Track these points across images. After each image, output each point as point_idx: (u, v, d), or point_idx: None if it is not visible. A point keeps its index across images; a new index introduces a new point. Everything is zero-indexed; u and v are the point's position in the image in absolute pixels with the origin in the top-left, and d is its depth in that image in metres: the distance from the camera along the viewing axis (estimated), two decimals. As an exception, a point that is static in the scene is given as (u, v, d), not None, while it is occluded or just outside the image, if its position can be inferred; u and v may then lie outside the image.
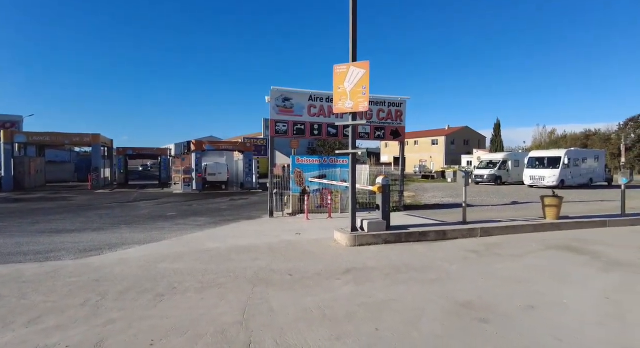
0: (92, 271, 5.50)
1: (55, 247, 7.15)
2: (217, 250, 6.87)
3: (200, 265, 5.81)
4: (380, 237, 7.36)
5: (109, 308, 4.03)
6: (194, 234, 8.63)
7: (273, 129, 11.76)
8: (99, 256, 6.51)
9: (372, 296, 4.42)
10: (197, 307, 4.08)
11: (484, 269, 5.65)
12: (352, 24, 7.47)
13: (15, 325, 3.56)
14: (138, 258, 6.31)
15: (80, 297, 4.37)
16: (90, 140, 24.98)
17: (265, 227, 9.53)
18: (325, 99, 12.04)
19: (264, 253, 6.59)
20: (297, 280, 5.03)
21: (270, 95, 11.62)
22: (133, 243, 7.53)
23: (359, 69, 7.30)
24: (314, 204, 12.07)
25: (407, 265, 5.86)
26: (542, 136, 66.14)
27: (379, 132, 12.73)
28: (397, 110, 12.87)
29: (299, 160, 12.36)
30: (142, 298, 4.34)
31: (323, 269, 5.59)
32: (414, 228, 8.08)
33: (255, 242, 7.65)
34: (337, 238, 7.63)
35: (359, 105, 7.31)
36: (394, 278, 5.16)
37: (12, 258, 6.27)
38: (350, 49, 7.51)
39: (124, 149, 29.93)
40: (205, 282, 4.95)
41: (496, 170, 29.17)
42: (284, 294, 4.48)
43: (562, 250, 6.92)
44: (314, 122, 12.05)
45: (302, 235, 8.38)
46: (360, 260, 6.15)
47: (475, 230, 8.18)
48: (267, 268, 5.62)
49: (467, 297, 4.38)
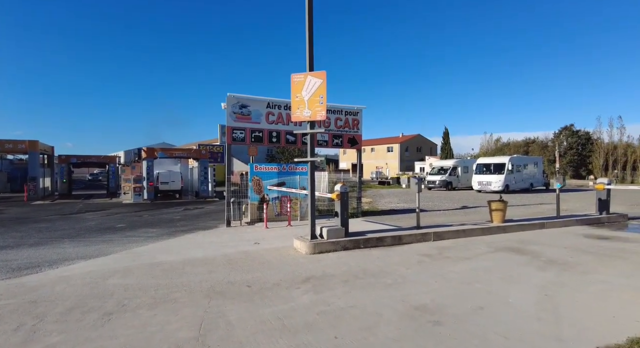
0: (27, 292, 5.04)
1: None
2: (170, 264, 6.58)
3: (153, 280, 5.54)
4: (339, 244, 7.45)
5: (48, 331, 3.70)
6: (146, 247, 8.21)
7: (230, 136, 11.55)
8: (37, 275, 5.98)
9: (331, 304, 4.45)
10: (149, 324, 3.87)
11: (437, 272, 5.89)
12: (309, 36, 7.59)
13: None
14: (83, 275, 5.88)
15: (13, 321, 3.98)
16: (27, 147, 23.00)
17: (223, 238, 9.28)
18: (284, 106, 12.05)
19: (220, 266, 6.42)
20: (256, 292, 4.95)
21: (227, 102, 11.43)
22: (77, 259, 7.01)
23: (316, 78, 7.40)
24: (273, 212, 11.97)
25: (365, 271, 5.97)
26: (489, 144, 70.62)
27: (337, 140, 12.94)
28: (354, 119, 13.18)
29: (257, 168, 12.22)
30: (88, 318, 4.05)
31: (282, 279, 5.54)
32: (371, 234, 8.26)
33: (212, 253, 7.42)
34: (296, 247, 7.61)
35: (317, 114, 7.40)
36: (352, 284, 5.24)
37: None
38: (307, 59, 7.61)
39: (67, 156, 27.87)
40: (158, 298, 4.71)
41: (447, 177, 30.67)
42: (242, 307, 4.38)
43: (508, 251, 7.41)
44: (273, 130, 12.00)
45: (261, 244, 8.26)
46: (320, 268, 6.17)
47: (428, 235, 8.53)
48: (224, 281, 5.47)
49: (422, 301, 4.54)
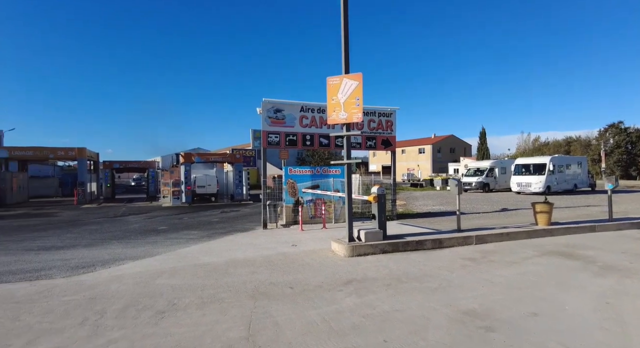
0: (86, 289, 5.35)
1: (45, 266, 6.94)
2: (213, 265, 6.77)
3: (199, 281, 5.72)
4: (378, 247, 7.37)
5: (109, 327, 3.91)
6: (188, 248, 8.50)
7: (265, 140, 11.76)
8: (92, 273, 6.34)
9: (376, 307, 4.41)
10: (200, 323, 4.00)
11: (483, 276, 5.70)
12: (345, 39, 7.60)
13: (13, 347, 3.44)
14: (133, 274, 6.17)
15: (78, 316, 4.24)
16: (76, 154, 24.51)
17: (261, 240, 9.44)
18: (317, 110, 12.14)
19: (262, 267, 6.53)
20: (299, 293, 4.99)
21: (262, 107, 11.66)
22: (126, 259, 7.37)
23: (352, 80, 7.40)
24: (307, 215, 12.04)
25: (408, 274, 5.87)
26: (526, 143, 67.69)
27: (371, 142, 12.86)
28: (388, 120, 13.04)
29: (292, 171, 12.36)
30: (143, 316, 4.24)
31: (324, 281, 5.56)
32: (410, 237, 8.12)
33: (252, 255, 7.57)
34: (334, 249, 7.61)
35: (353, 116, 7.39)
36: (396, 288, 5.16)
37: (1, 278, 6.05)
38: (343, 61, 7.63)
39: (110, 162, 29.45)
40: (205, 298, 4.86)
41: (484, 178, 29.64)
42: (287, 308, 4.43)
43: (557, 256, 7.05)
44: (307, 133, 12.10)
45: (299, 246, 8.33)
46: (360, 271, 6.14)
47: (470, 238, 8.27)
48: (267, 282, 5.56)
49: (470, 305, 4.40)
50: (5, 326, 3.97)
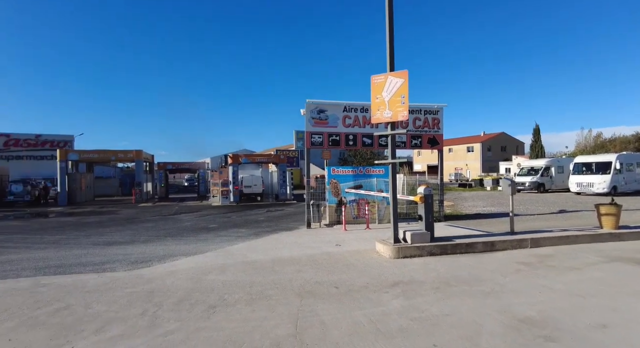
0: (145, 282, 5.72)
1: (109, 259, 7.53)
2: (260, 262, 6.96)
3: (247, 277, 5.90)
4: (425, 249, 7.17)
5: (166, 319, 4.16)
6: (237, 246, 8.81)
7: (309, 140, 11.89)
8: (150, 268, 6.77)
9: (424, 310, 4.29)
10: (249, 319, 4.12)
11: (540, 282, 5.34)
12: (389, 36, 7.48)
13: (86, 333, 3.76)
14: (186, 270, 6.50)
15: (139, 307, 4.55)
16: (134, 156, 26.35)
17: (305, 239, 9.56)
18: (360, 109, 12.07)
19: (306, 265, 6.60)
20: (345, 293, 4.98)
21: (306, 108, 11.80)
22: (180, 255, 7.79)
23: (397, 78, 7.26)
24: (351, 215, 12.00)
25: (457, 278, 5.65)
26: (586, 140, 62.32)
27: (416, 141, 12.54)
28: (434, 118, 12.65)
29: (334, 171, 12.38)
30: (196, 309, 4.46)
31: (369, 282, 5.50)
32: (459, 239, 7.81)
33: (297, 253, 7.68)
34: (379, 250, 7.51)
35: (398, 114, 7.25)
36: (445, 291, 4.99)
37: (74, 270, 6.66)
38: (388, 59, 7.51)
39: (164, 163, 31.32)
40: (254, 294, 5.01)
41: (539, 177, 27.79)
42: (333, 307, 4.44)
43: (628, 262, 6.42)
44: (349, 133, 12.07)
45: (343, 246, 8.33)
46: (407, 273, 6.00)
47: (525, 241, 7.79)
48: (312, 281, 5.61)
49: (527, 313, 4.14)
50: (79, 313, 4.36)
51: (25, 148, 35.08)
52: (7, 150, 34.53)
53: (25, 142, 35.17)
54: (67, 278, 6.01)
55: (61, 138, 36.11)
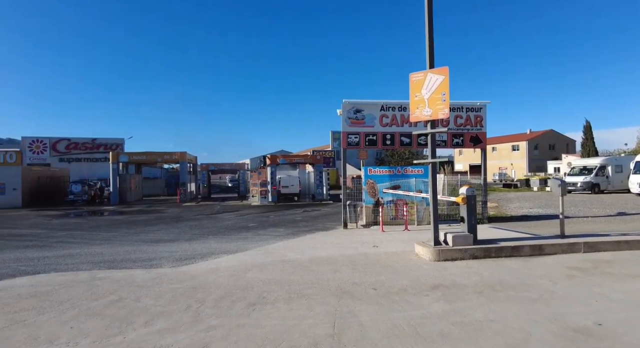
0: (189, 279, 5.97)
1: (156, 256, 7.94)
2: (298, 261, 7.03)
3: (285, 276, 5.99)
4: (467, 252, 6.90)
5: (208, 314, 4.31)
6: (275, 245, 8.97)
7: (345, 141, 11.87)
8: (193, 265, 7.05)
9: (467, 315, 4.13)
10: (287, 317, 4.18)
11: (596, 290, 4.96)
12: (429, 32, 7.28)
13: (136, 325, 4.00)
14: (227, 267, 6.71)
15: (183, 302, 4.76)
16: (178, 157, 27.64)
17: (342, 239, 9.55)
18: (397, 108, 11.86)
19: (344, 266, 6.58)
20: (383, 295, 4.91)
21: (342, 108, 11.79)
22: (221, 253, 8.05)
23: (437, 75, 7.06)
24: (388, 216, 11.82)
25: (502, 282, 5.39)
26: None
27: (458, 140, 12.12)
28: (477, 116, 12.15)
29: (371, 171, 12.26)
30: (237, 306, 4.58)
31: (408, 285, 5.39)
32: (504, 242, 7.45)
33: (334, 254, 7.68)
34: (418, 252, 7.34)
35: (439, 112, 7.04)
36: (489, 296, 4.77)
37: (125, 265, 7.10)
38: (428, 56, 7.32)
39: (207, 165, 32.60)
40: (292, 293, 5.07)
41: (593, 177, 25.84)
42: (371, 309, 4.39)
43: (698, 270, 5.81)
44: (387, 132, 11.90)
45: (380, 248, 8.22)
46: (448, 276, 5.81)
47: (577, 245, 7.27)
48: (349, 282, 5.58)
49: (581, 322, 3.86)
50: (129, 306, 4.64)
51: (83, 151, 37.93)
52: (68, 153, 37.54)
53: (83, 146, 38.03)
54: (119, 273, 6.41)
55: (113, 141, 38.68)
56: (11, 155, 23.88)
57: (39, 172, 27.28)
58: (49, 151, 37.03)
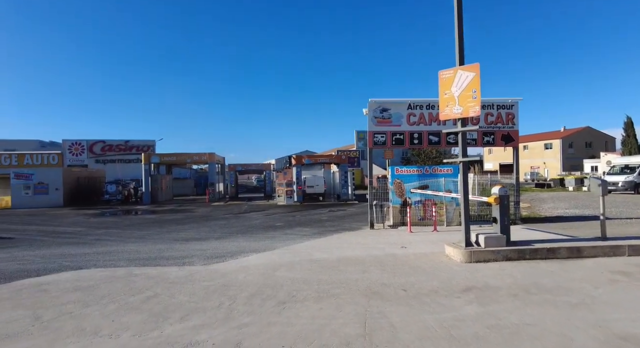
0: (220, 276, 6.11)
1: (188, 254, 8.18)
2: (326, 261, 7.05)
3: (313, 275, 6.02)
4: (500, 254, 6.69)
5: (240, 312, 4.40)
6: (302, 244, 9.03)
7: (371, 140, 11.78)
8: (224, 263, 7.21)
9: (502, 318, 4.00)
10: (317, 316, 4.20)
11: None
12: (458, 28, 7.12)
13: (171, 320, 4.14)
14: (257, 265, 6.82)
15: (215, 299, 4.88)
16: (207, 158, 28.33)
17: (369, 240, 9.48)
18: (425, 106, 11.66)
19: (372, 266, 6.54)
20: (413, 297, 4.84)
21: (368, 107, 11.71)
22: (250, 252, 8.19)
23: (467, 72, 6.89)
24: (416, 216, 11.63)
25: (538, 285, 5.19)
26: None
27: (489, 138, 11.77)
28: (509, 113, 11.76)
29: (398, 170, 12.10)
30: (267, 304, 4.65)
31: (439, 286, 5.29)
32: (539, 244, 7.17)
33: (361, 254, 7.64)
34: (449, 254, 7.18)
35: (470, 110, 6.86)
36: (524, 300, 4.61)
37: (159, 262, 7.36)
38: (457, 52, 7.15)
39: (234, 165, 33.22)
40: (321, 292, 5.09)
41: (636, 176, 24.40)
42: (401, 310, 4.34)
43: None
44: (414, 131, 11.72)
45: (409, 249, 8.11)
46: (480, 278, 5.66)
47: (621, 248, 6.89)
48: (378, 282, 5.54)
49: (630, 330, 3.65)
50: (164, 302, 4.80)
51: (117, 152, 39.66)
52: (103, 154, 39.36)
53: (117, 147, 39.76)
54: (154, 270, 6.65)
55: (144, 143, 40.17)
56: (54, 157, 25.28)
57: (78, 172, 28.71)
58: (87, 153, 38.96)
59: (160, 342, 3.57)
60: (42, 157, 24.83)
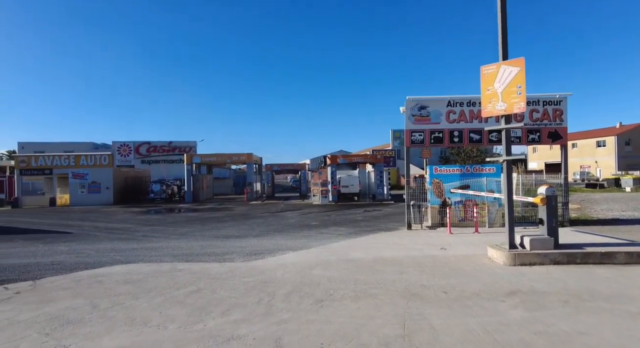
0: (259, 273, 6.26)
1: (228, 251, 8.44)
2: (362, 261, 7.01)
3: (350, 275, 6.00)
4: (548, 257, 6.33)
5: (279, 308, 4.49)
6: (338, 243, 9.04)
7: (409, 139, 11.57)
8: (262, 260, 7.38)
9: (551, 325, 3.79)
10: (355, 316, 4.19)
11: None
12: (502, 21, 6.81)
13: (214, 314, 4.30)
14: (294, 263, 6.92)
15: (255, 295, 5.00)
16: (245, 159, 29.09)
17: (405, 240, 9.32)
18: (466, 103, 11.28)
19: (410, 267, 6.42)
20: (454, 299, 4.70)
21: (405, 105, 11.50)
22: (287, 250, 8.32)
23: (511, 67, 6.58)
24: (456, 217, 11.28)
25: (592, 292, 4.86)
26: None
27: (534, 136, 11.19)
28: (556, 109, 11.10)
29: (437, 170, 11.79)
30: (305, 302, 4.70)
31: (482, 289, 5.09)
32: (591, 247, 6.70)
33: (399, 255, 7.53)
34: (491, 256, 6.90)
35: (514, 106, 6.56)
36: (576, 306, 4.33)
37: (201, 258, 7.66)
38: (500, 47, 6.85)
39: (271, 165, 33.86)
40: (358, 292, 5.07)
41: None
42: (442, 312, 4.23)
43: None
44: (454, 129, 11.37)
45: (448, 250, 7.88)
46: (526, 282, 5.39)
47: (688, 254, 6.29)
48: (417, 284, 5.43)
49: (698, 343, 3.34)
50: (207, 297, 5.00)
51: (161, 153, 41.71)
52: (148, 155, 41.56)
53: (161, 148, 41.81)
54: (196, 266, 6.94)
55: (186, 144, 41.92)
56: (105, 158, 27.00)
57: (126, 172, 30.52)
58: (133, 154, 41.29)
59: (203, 335, 3.72)
60: (95, 158, 26.60)
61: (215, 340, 3.59)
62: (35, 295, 5.23)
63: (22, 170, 26.28)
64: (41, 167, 26.43)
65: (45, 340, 3.69)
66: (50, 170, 26.46)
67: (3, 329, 4.02)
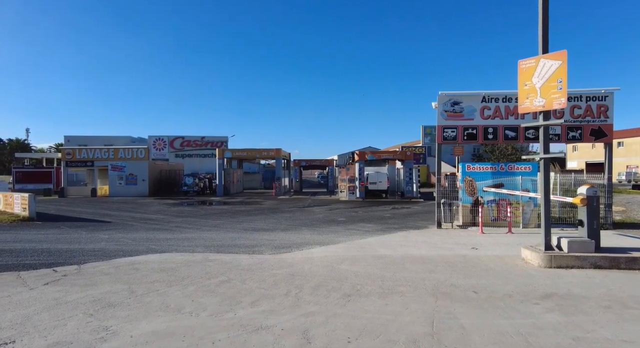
0: (287, 266, 6.36)
1: (257, 243, 8.63)
2: (390, 258, 6.96)
3: (377, 271, 5.98)
4: (587, 260, 6.03)
5: (306, 301, 4.55)
6: (365, 240, 9.01)
7: (440, 135, 11.31)
8: (290, 253, 7.49)
9: (590, 331, 3.62)
10: (383, 312, 4.18)
11: None
12: (543, 12, 6.49)
13: (243, 304, 4.43)
14: (321, 258, 6.97)
15: (283, 288, 5.10)
16: (274, 154, 29.46)
17: (435, 239, 9.15)
18: (502, 99, 10.87)
19: (439, 266, 6.31)
20: (485, 300, 4.59)
21: (438, 100, 11.24)
22: (314, 244, 8.39)
23: (552, 60, 6.27)
24: (489, 217, 10.93)
25: (637, 299, 4.59)
26: None
27: (575, 133, 10.63)
28: (601, 105, 10.48)
29: (469, 167, 11.45)
30: (332, 296, 4.74)
31: (514, 291, 4.94)
32: (637, 252, 6.31)
33: (428, 253, 7.41)
34: (525, 257, 6.65)
35: (554, 102, 6.25)
36: (619, 313, 4.11)
37: (231, 250, 7.88)
38: (541, 39, 6.54)
39: (299, 161, 34.12)
40: (385, 288, 5.05)
41: None
42: (472, 312, 4.14)
43: None
44: (489, 126, 11.00)
45: (480, 250, 7.67)
46: (563, 285, 5.17)
47: None
48: (447, 283, 5.34)
49: None
50: (237, 287, 5.15)
51: (194, 148, 43.04)
52: (182, 149, 43.01)
53: (194, 143, 43.13)
54: (227, 257, 7.14)
55: (218, 139, 43.02)
56: (141, 151, 28.19)
57: (160, 166, 31.72)
58: (167, 148, 42.85)
59: (233, 324, 3.84)
60: (132, 152, 27.84)
61: (245, 329, 3.70)
62: (80, 279, 5.59)
63: (68, 162, 27.91)
64: (84, 159, 27.97)
65: (89, 321, 3.94)
66: (92, 162, 27.95)
67: (53, 308, 4.33)
